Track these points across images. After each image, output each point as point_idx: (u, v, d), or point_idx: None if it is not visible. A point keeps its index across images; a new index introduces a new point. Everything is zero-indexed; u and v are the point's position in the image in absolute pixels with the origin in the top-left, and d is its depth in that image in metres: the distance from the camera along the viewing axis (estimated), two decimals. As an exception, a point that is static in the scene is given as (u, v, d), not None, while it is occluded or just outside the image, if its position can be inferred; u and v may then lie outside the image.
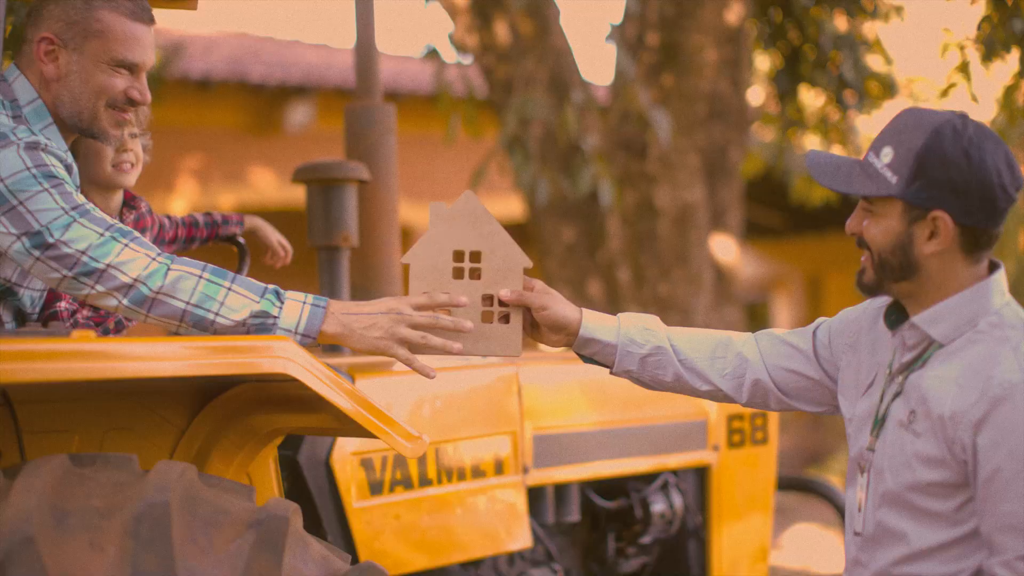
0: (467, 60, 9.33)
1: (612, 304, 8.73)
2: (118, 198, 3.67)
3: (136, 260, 2.86)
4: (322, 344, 2.96)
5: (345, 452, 3.54)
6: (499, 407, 3.97)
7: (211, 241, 4.04)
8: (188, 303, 2.87)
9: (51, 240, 2.84)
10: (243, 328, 2.89)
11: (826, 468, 14.92)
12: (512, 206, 12.70)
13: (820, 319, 3.18)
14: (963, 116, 2.76)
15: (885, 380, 2.90)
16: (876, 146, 2.81)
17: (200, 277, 2.89)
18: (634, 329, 3.16)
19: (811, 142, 12.53)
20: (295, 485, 3.50)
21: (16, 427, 2.75)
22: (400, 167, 4.62)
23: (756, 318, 19.64)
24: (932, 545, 2.77)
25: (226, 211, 4.10)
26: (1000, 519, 2.68)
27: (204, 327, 2.88)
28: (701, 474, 4.63)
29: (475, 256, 3.09)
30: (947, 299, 2.79)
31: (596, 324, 3.14)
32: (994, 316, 2.77)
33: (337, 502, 3.53)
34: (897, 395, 2.85)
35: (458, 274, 3.08)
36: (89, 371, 2.51)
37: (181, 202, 12.35)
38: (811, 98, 10.39)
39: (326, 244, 4.22)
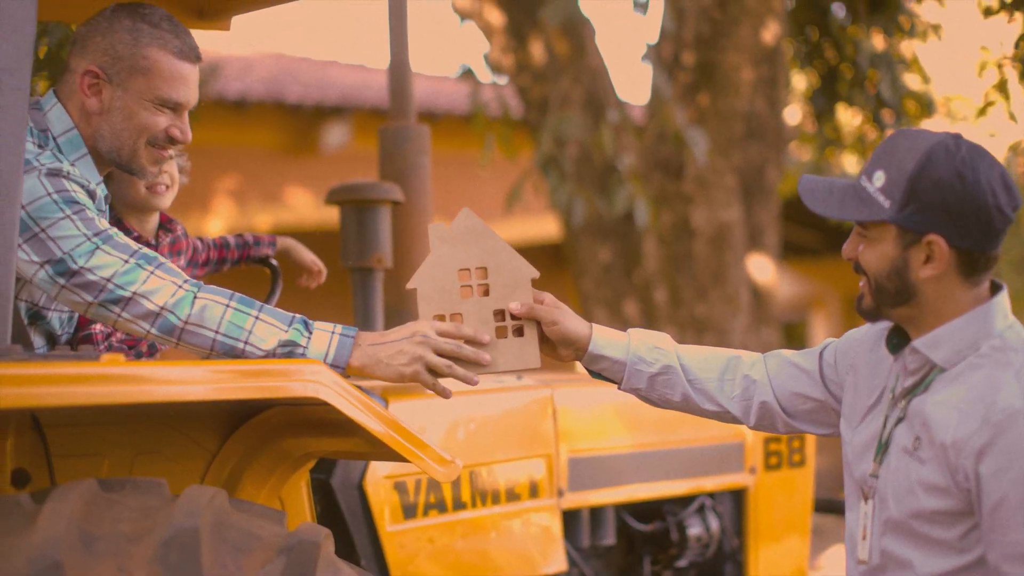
0: (502, 80, 9.35)
1: (649, 324, 8.69)
2: (154, 220, 3.66)
3: (163, 288, 2.85)
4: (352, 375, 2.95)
5: (378, 475, 3.52)
6: (534, 430, 3.94)
7: (243, 263, 4.01)
8: (217, 332, 2.85)
9: (75, 267, 2.83)
10: (272, 357, 2.87)
11: (864, 489, 14.80)
12: (548, 226, 12.68)
13: (828, 340, 3.13)
14: (956, 137, 2.70)
15: (888, 405, 2.84)
16: (868, 169, 2.75)
17: (227, 306, 2.87)
18: (644, 347, 3.13)
19: (848, 161, 12.49)
20: (328, 509, 3.48)
21: (46, 451, 2.74)
22: (435, 187, 4.60)
23: (794, 338, 19.55)
24: (938, 573, 2.71)
25: (259, 232, 4.09)
26: (1007, 548, 2.62)
27: (234, 356, 2.87)
28: (738, 497, 4.60)
29: (481, 272, 3.07)
30: (948, 323, 2.73)
31: (606, 340, 3.11)
32: (997, 339, 2.71)
33: (370, 526, 3.51)
34: (900, 420, 2.79)
35: (466, 292, 3.06)
36: (119, 395, 2.50)
37: (218, 222, 12.38)
38: (848, 117, 10.37)
39: (359, 265, 4.21)
